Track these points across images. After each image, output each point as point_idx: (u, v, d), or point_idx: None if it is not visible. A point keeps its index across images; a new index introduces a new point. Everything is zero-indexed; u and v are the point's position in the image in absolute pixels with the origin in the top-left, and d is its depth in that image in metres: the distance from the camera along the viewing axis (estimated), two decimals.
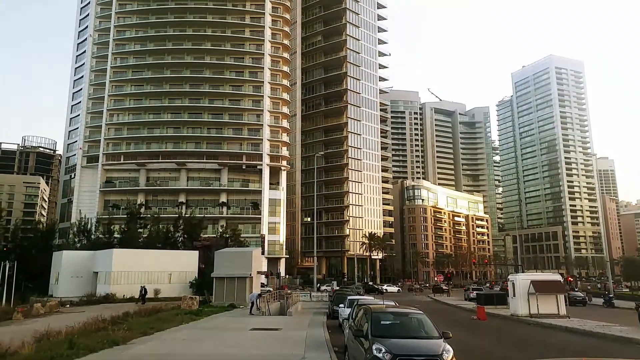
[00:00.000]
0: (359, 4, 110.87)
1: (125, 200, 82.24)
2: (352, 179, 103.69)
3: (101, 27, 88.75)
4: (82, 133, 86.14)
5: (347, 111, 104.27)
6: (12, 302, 36.31)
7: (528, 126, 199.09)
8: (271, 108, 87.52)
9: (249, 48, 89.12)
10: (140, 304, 34.48)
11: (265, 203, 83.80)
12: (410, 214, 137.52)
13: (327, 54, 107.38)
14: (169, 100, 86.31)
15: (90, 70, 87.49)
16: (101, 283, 43.02)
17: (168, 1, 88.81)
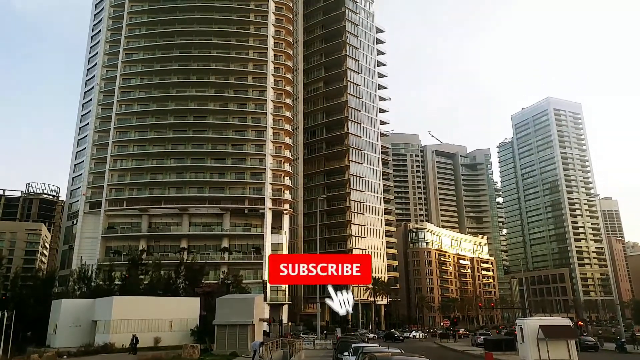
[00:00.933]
0: (359, 51, 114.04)
1: (127, 246, 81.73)
2: (354, 222, 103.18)
3: (108, 75, 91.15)
4: (86, 179, 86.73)
5: (348, 154, 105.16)
6: (9, 353, 35.38)
7: (529, 167, 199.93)
8: (273, 152, 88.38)
9: (252, 94, 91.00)
10: (132, 353, 33.52)
11: (268, 248, 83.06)
12: (414, 257, 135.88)
13: (329, 99, 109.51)
14: (172, 146, 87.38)
15: (96, 117, 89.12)
16: (100, 332, 41.99)
17: (172, 50, 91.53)
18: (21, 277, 63.33)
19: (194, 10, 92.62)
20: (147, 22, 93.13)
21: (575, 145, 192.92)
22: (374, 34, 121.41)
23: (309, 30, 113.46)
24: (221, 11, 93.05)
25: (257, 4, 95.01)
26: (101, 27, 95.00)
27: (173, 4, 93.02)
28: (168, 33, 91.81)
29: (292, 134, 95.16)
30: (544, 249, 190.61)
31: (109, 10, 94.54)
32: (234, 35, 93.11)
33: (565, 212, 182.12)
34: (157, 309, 44.42)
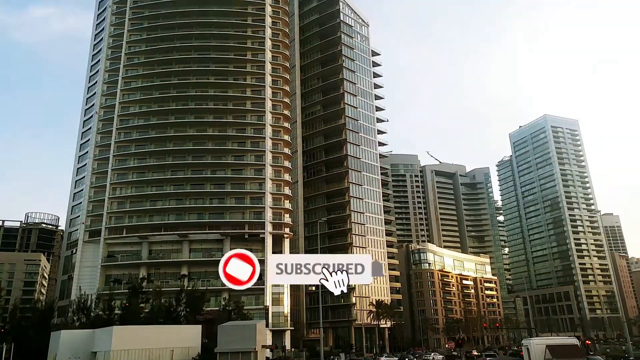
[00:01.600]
0: (356, 74, 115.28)
1: (127, 274, 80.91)
2: (356, 245, 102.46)
3: (107, 104, 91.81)
4: (85, 207, 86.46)
5: (348, 176, 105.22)
6: None
7: (529, 185, 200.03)
8: (273, 176, 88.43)
9: (251, 119, 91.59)
10: None
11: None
12: (417, 278, 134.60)
13: (327, 122, 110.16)
14: (171, 172, 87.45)
15: (95, 146, 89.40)
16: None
17: (170, 77, 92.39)
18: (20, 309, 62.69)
19: (192, 37, 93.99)
20: (145, 51, 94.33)
21: (574, 162, 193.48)
22: (369, 57, 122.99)
23: (306, 55, 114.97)
24: (218, 38, 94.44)
25: (254, 31, 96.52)
26: (100, 57, 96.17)
27: (171, 32, 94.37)
28: (166, 61, 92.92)
29: (291, 157, 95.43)
30: (547, 266, 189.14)
31: (108, 41, 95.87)
32: (232, 62, 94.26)
33: (567, 229, 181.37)
34: (158, 337, 43.55)
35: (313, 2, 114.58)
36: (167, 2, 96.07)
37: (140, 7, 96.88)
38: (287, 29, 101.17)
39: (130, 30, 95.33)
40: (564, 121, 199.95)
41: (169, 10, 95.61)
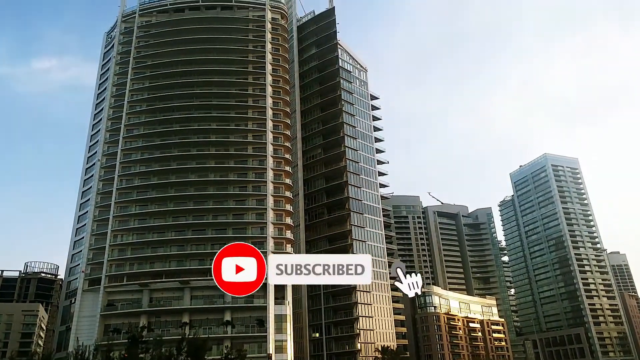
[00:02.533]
0: (355, 117, 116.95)
1: (126, 323, 79.20)
2: (359, 289, 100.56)
3: (109, 151, 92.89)
4: (85, 255, 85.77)
5: (350, 219, 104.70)
6: None
7: (533, 224, 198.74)
8: (274, 220, 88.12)
9: (252, 164, 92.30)
10: None
11: (271, 319, 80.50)
12: (423, 322, 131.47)
13: (328, 165, 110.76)
14: (173, 218, 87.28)
15: (97, 193, 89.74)
16: None
17: (172, 124, 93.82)
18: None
19: (193, 85, 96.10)
20: (147, 99, 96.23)
21: (577, 200, 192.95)
22: (368, 101, 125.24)
23: (306, 100, 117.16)
24: (220, 85, 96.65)
25: (255, 78, 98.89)
26: (104, 106, 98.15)
27: (172, 80, 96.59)
28: (168, 108, 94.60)
29: (292, 200, 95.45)
30: (555, 307, 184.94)
31: (112, 90, 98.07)
32: (233, 108, 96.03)
33: (574, 268, 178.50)
34: None
35: (312, 49, 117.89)
36: (168, 52, 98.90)
37: (143, 57, 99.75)
38: (287, 75, 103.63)
39: (133, 79, 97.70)
40: (564, 160, 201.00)
41: (170, 59, 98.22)
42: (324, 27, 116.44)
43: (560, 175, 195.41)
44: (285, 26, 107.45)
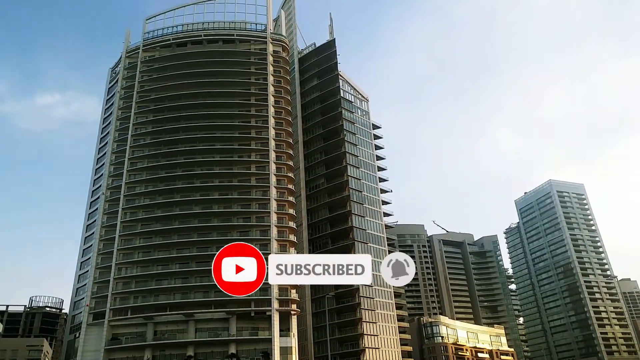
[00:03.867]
0: (358, 147, 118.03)
1: (131, 357, 78.77)
2: (365, 320, 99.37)
3: (113, 184, 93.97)
4: (90, 289, 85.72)
5: (354, 248, 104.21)
6: None
7: (540, 251, 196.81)
8: (279, 251, 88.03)
9: (255, 195, 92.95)
10: None
11: (276, 352, 79.54)
12: (430, 353, 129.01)
13: (331, 195, 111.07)
14: (177, 250, 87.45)
15: (101, 226, 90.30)
16: None
17: (177, 156, 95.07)
18: None
19: (197, 118, 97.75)
20: (151, 132, 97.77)
21: (584, 226, 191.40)
22: (370, 130, 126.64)
23: (308, 130, 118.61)
24: (223, 118, 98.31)
25: (257, 109, 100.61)
26: (108, 139, 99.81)
27: (176, 113, 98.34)
28: (172, 141, 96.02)
29: (296, 231, 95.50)
30: (566, 337, 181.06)
31: (116, 123, 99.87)
32: (237, 140, 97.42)
33: (584, 296, 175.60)
34: None
35: (314, 81, 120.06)
36: (172, 86, 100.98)
37: (147, 91, 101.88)
38: (289, 106, 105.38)
39: (137, 113, 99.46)
40: (570, 186, 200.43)
41: (174, 93, 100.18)
42: (325, 58, 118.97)
43: (566, 202, 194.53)
44: (286, 58, 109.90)
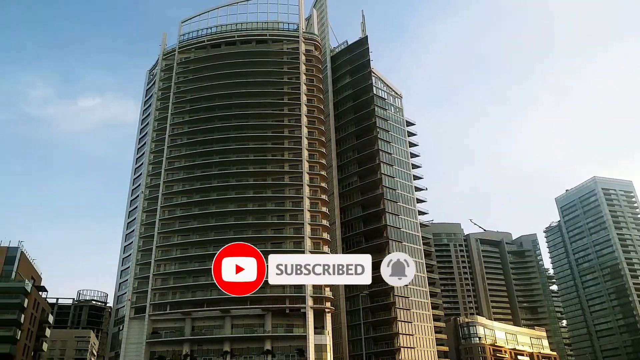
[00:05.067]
0: (391, 144, 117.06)
1: (170, 351, 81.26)
2: (400, 319, 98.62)
3: (152, 183, 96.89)
4: (131, 284, 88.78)
5: (388, 247, 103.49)
6: None
7: (584, 251, 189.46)
8: (312, 249, 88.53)
9: (289, 193, 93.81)
10: None
11: (311, 349, 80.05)
12: (467, 354, 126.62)
13: (364, 193, 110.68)
14: (213, 247, 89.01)
15: (141, 224, 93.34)
16: None
17: (212, 156, 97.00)
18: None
19: (231, 118, 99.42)
20: (188, 132, 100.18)
21: (633, 225, 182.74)
22: (404, 127, 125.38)
23: (341, 128, 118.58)
24: (257, 117, 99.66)
25: (290, 109, 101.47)
26: (146, 140, 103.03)
27: (211, 113, 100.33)
28: (207, 141, 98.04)
29: (329, 229, 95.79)
30: (614, 341, 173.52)
31: (154, 124, 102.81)
32: (270, 139, 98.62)
33: (633, 299, 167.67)
34: None
35: (346, 79, 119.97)
36: (207, 86, 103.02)
37: (182, 92, 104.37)
38: (322, 105, 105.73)
39: (174, 114, 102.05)
40: (616, 183, 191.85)
41: (209, 94, 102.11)
42: (357, 56, 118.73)
43: (613, 199, 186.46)
44: (319, 57, 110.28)
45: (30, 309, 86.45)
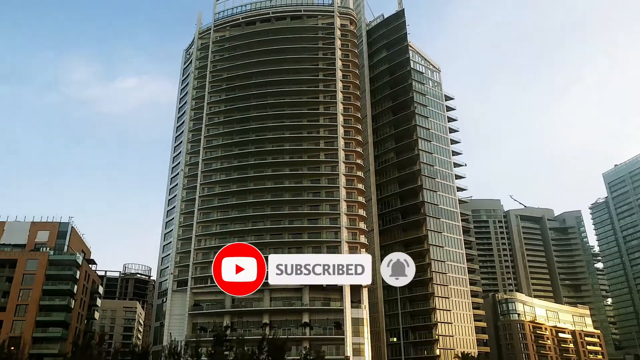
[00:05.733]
0: (429, 119, 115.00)
1: (211, 322, 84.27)
2: (437, 294, 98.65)
3: (191, 161, 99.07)
4: (173, 259, 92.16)
5: (425, 224, 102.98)
6: None
7: (632, 229, 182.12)
8: (348, 225, 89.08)
9: (324, 170, 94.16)
10: None
11: (348, 322, 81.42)
12: (506, 330, 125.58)
13: (401, 169, 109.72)
14: (252, 223, 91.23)
15: (181, 201, 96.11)
16: None
17: (249, 134, 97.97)
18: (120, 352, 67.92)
19: (267, 95, 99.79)
20: (224, 111, 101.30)
21: None
22: (442, 102, 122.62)
23: (377, 104, 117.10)
24: (292, 95, 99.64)
25: (326, 85, 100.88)
26: (185, 119, 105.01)
27: (247, 91, 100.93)
28: (244, 119, 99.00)
29: (365, 206, 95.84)
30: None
31: (191, 103, 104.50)
32: (305, 116, 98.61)
33: None
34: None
35: (382, 53, 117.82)
36: (242, 64, 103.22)
37: (219, 70, 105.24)
38: (357, 80, 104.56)
39: (210, 92, 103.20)
40: None
41: (245, 71, 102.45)
42: (394, 29, 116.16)
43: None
44: (354, 32, 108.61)
45: (82, 280, 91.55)
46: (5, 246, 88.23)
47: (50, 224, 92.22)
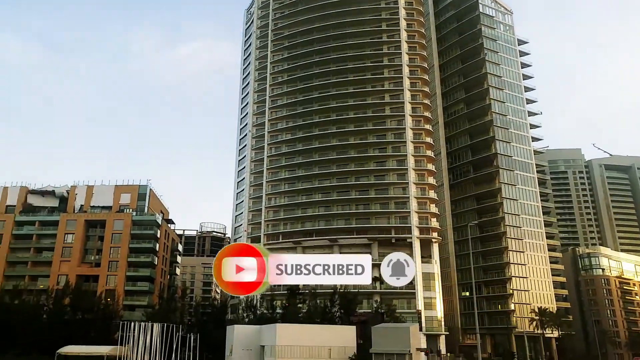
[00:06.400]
0: (501, 66, 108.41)
1: None
2: (512, 249, 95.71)
3: (257, 122, 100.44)
4: (246, 217, 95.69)
5: (498, 176, 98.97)
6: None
7: None
8: (416, 180, 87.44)
9: (390, 124, 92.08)
10: None
11: (419, 277, 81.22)
12: (588, 285, 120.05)
13: (471, 121, 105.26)
14: (318, 181, 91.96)
15: (250, 161, 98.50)
16: (268, 356, 45.10)
17: (312, 92, 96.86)
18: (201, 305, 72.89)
19: (329, 50, 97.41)
20: (287, 69, 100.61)
21: None
22: (515, 47, 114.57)
23: (444, 53, 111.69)
24: (355, 48, 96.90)
25: (389, 36, 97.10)
26: (249, 80, 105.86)
27: (309, 47, 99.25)
28: (307, 77, 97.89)
29: (434, 159, 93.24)
30: None
31: (255, 64, 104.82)
32: (369, 70, 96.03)
33: None
34: (316, 336, 46.24)
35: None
36: (303, 20, 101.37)
37: (280, 28, 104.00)
38: (422, 29, 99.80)
39: (273, 51, 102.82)
40: None
41: (306, 27, 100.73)
42: None
43: None
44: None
45: (162, 239, 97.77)
46: (95, 208, 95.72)
47: (131, 187, 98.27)
